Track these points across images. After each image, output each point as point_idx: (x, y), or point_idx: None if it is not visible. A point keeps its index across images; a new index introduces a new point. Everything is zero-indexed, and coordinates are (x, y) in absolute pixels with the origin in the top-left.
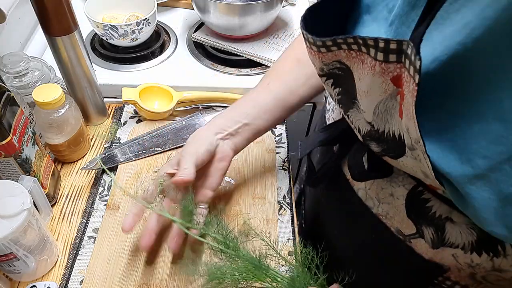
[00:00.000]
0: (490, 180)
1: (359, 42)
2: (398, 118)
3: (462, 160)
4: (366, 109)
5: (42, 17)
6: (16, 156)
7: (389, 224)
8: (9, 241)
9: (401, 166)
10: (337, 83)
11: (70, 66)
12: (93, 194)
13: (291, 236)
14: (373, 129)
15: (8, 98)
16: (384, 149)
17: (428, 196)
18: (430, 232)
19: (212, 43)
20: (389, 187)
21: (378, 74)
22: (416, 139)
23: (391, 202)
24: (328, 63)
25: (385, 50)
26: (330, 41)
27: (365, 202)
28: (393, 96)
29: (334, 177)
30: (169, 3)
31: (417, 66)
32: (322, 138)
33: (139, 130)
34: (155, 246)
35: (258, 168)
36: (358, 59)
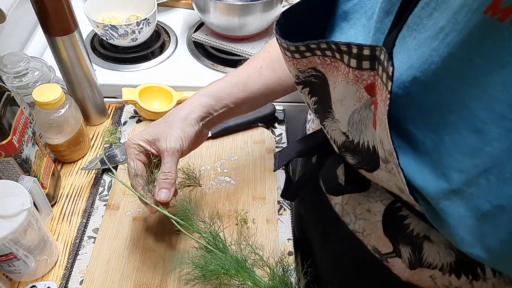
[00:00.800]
0: (466, 195)
1: (333, 48)
2: (372, 129)
3: (437, 174)
4: (341, 119)
5: (42, 17)
6: (16, 156)
7: (366, 242)
8: (9, 241)
9: (377, 180)
10: (313, 92)
11: (70, 66)
12: (93, 194)
13: (291, 236)
14: (348, 140)
15: (8, 98)
16: (359, 162)
17: (406, 213)
18: (408, 251)
19: (212, 43)
20: (366, 202)
21: (352, 82)
22: (389, 151)
23: (368, 218)
24: (304, 70)
25: (358, 56)
26: (304, 46)
27: (341, 217)
28: (368, 106)
29: (312, 190)
30: (169, 3)
31: (389, 72)
32: (300, 148)
33: (139, 130)
34: (155, 246)
35: (258, 168)
36: (332, 66)
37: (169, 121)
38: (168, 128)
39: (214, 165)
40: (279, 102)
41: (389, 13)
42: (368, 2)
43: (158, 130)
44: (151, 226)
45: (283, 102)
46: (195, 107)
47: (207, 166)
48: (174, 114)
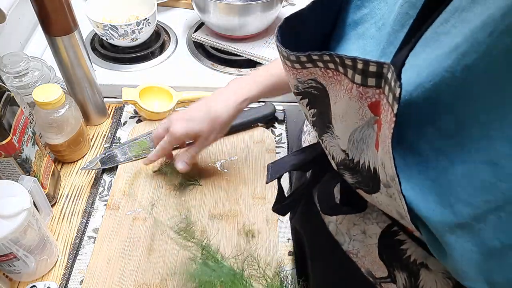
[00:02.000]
0: (473, 230)
1: (336, 61)
2: (374, 150)
3: (444, 204)
4: (341, 135)
5: (42, 17)
6: (16, 156)
7: (360, 264)
8: (9, 241)
9: (375, 203)
10: (312, 104)
11: (70, 66)
12: (93, 194)
13: (291, 236)
14: (348, 158)
15: (8, 98)
16: (358, 181)
17: (403, 238)
18: (403, 277)
19: (212, 43)
20: (361, 223)
21: (355, 99)
22: (391, 176)
23: (363, 240)
24: (304, 81)
25: (363, 72)
26: (305, 56)
27: (335, 236)
28: (371, 125)
29: (305, 206)
30: (169, 3)
31: (396, 93)
32: (295, 161)
33: (139, 130)
34: (155, 246)
35: (258, 168)
36: (335, 80)
37: (211, 124)
38: (208, 130)
39: (214, 165)
40: (279, 102)
41: (405, 26)
42: (379, 12)
43: (200, 128)
44: (151, 226)
45: (283, 102)
46: (236, 114)
47: (207, 166)
48: (216, 117)
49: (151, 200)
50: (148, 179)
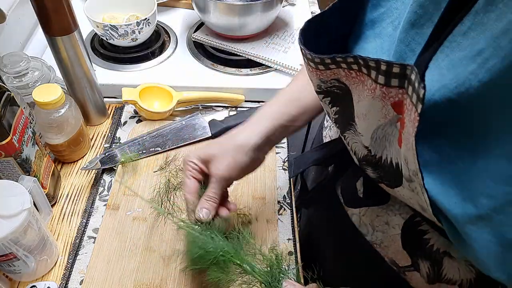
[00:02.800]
0: (493, 222)
1: (360, 63)
2: (397, 146)
3: (464, 197)
4: (364, 133)
5: (42, 17)
6: (16, 156)
7: (383, 254)
8: (9, 241)
9: (398, 196)
10: (335, 102)
11: (70, 66)
12: (93, 194)
13: (291, 236)
14: (370, 154)
15: (8, 98)
16: (381, 176)
17: (426, 228)
18: (426, 266)
19: (212, 43)
20: (384, 215)
21: (378, 98)
22: (414, 171)
23: (386, 231)
24: (326, 81)
25: (387, 73)
26: (329, 59)
27: (358, 228)
28: (393, 123)
29: (328, 199)
30: (169, 3)
31: (420, 94)
32: (317, 157)
33: (139, 130)
34: (155, 246)
35: (258, 168)
36: (358, 80)
37: (224, 145)
38: (221, 152)
39: None
40: None
41: (414, 25)
42: (396, 11)
43: (213, 151)
44: (151, 226)
45: None
46: (253, 134)
47: None
48: (231, 137)
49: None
50: (148, 179)
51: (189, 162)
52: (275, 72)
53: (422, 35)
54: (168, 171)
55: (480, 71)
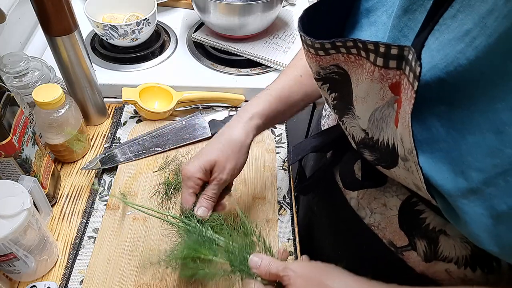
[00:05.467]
0: (484, 195)
1: (359, 46)
2: (394, 127)
3: (456, 172)
4: (362, 116)
5: (42, 17)
6: (16, 156)
7: (381, 235)
8: (9, 241)
9: (394, 177)
10: (333, 88)
11: (70, 66)
12: (93, 194)
13: (291, 236)
14: (367, 137)
15: (8, 98)
16: (377, 158)
17: (422, 208)
18: (423, 244)
19: (212, 43)
20: (382, 197)
21: (377, 80)
22: (409, 149)
23: (384, 212)
24: (325, 67)
25: (385, 55)
26: (329, 43)
27: (357, 211)
28: (391, 104)
29: (327, 185)
30: (169, 3)
31: (417, 72)
32: (315, 144)
33: (139, 130)
34: (155, 246)
35: (258, 168)
36: (357, 64)
37: (224, 149)
38: (223, 157)
39: None
40: None
41: (407, 11)
42: (390, 0)
43: (215, 157)
44: (151, 226)
45: None
46: (250, 132)
47: None
48: (229, 140)
49: (150, 200)
50: (148, 179)
51: (192, 178)
52: (275, 72)
53: (414, 20)
54: (168, 171)
55: (468, 49)
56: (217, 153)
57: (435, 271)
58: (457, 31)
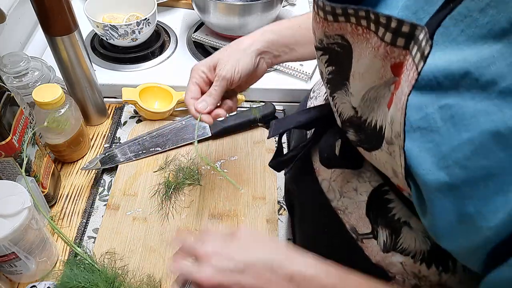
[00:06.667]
0: (458, 192)
1: (370, 18)
2: (385, 109)
3: (440, 166)
4: (355, 93)
5: (42, 17)
6: (16, 156)
7: (345, 220)
8: (9, 241)
9: (372, 160)
10: (332, 61)
11: (70, 66)
12: (93, 194)
13: (291, 236)
14: (356, 116)
15: (8, 98)
16: (361, 139)
17: (391, 197)
18: (385, 234)
19: (212, 43)
20: (355, 181)
21: (380, 57)
22: (397, 132)
23: (353, 197)
24: (330, 36)
25: (395, 31)
26: (340, 9)
27: (326, 193)
28: (388, 85)
29: (301, 163)
30: (169, 3)
31: (425, 52)
32: (299, 119)
33: (139, 130)
34: (155, 246)
35: (258, 168)
36: (363, 38)
37: (229, 50)
38: (227, 55)
39: (214, 165)
40: (279, 102)
41: None
42: None
43: (219, 56)
44: (151, 226)
45: (283, 102)
46: (256, 40)
47: (207, 166)
48: (236, 44)
49: (150, 200)
50: (148, 179)
51: (197, 70)
52: (275, 72)
53: (433, 4)
54: (168, 171)
55: (507, 51)
56: (221, 53)
57: (390, 263)
58: (488, 28)
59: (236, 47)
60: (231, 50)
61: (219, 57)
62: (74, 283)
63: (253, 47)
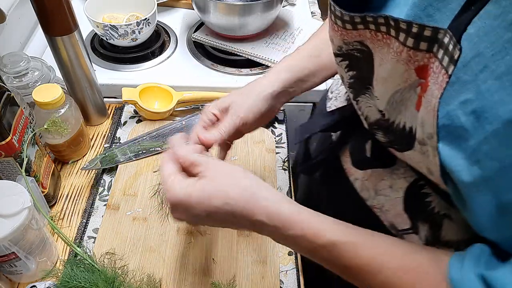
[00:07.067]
0: (494, 184)
1: (390, 24)
2: (414, 111)
3: (471, 160)
4: (380, 97)
5: (42, 17)
6: (16, 156)
7: (383, 218)
8: (9, 241)
9: (405, 159)
10: (352, 66)
11: (70, 66)
12: (93, 194)
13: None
14: (383, 118)
15: (8, 98)
16: (391, 141)
17: (428, 191)
18: (426, 228)
19: (212, 43)
20: (389, 178)
21: (403, 61)
22: (430, 134)
23: (389, 194)
24: (349, 42)
25: (417, 36)
26: (359, 17)
27: (360, 193)
28: (413, 87)
29: (331, 166)
30: (169, 3)
31: (455, 56)
32: (324, 122)
33: (139, 130)
34: (155, 246)
35: (258, 168)
36: (383, 43)
37: (245, 93)
38: (241, 98)
39: None
40: None
41: None
42: None
43: (232, 99)
44: (151, 226)
45: None
46: (272, 82)
47: None
48: (251, 86)
49: (150, 200)
50: (148, 179)
51: (207, 112)
52: None
53: (441, 0)
54: None
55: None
56: (235, 96)
57: None
58: (501, 19)
59: (252, 89)
60: (246, 92)
61: (232, 100)
62: (74, 283)
63: (270, 89)
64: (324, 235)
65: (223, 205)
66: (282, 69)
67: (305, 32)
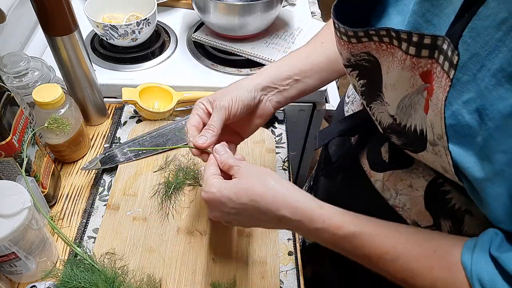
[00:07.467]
0: (506, 175)
1: (392, 35)
2: (423, 113)
3: (481, 156)
4: (391, 102)
5: (42, 17)
6: (16, 156)
7: (405, 216)
8: (9, 241)
9: (421, 160)
10: (362, 75)
11: (70, 66)
12: (93, 194)
13: (291, 236)
14: (395, 123)
15: (8, 98)
16: (405, 143)
17: (448, 188)
18: (448, 224)
19: (212, 43)
20: (408, 178)
21: (408, 68)
22: (439, 135)
23: (410, 193)
24: (356, 54)
25: (418, 44)
26: (362, 32)
27: (382, 193)
28: (420, 91)
29: (351, 168)
30: (169, 3)
31: (454, 61)
32: (342, 127)
33: (139, 130)
34: (155, 246)
35: None
36: (388, 52)
37: (229, 88)
38: (226, 91)
39: None
40: None
41: None
42: None
43: (220, 93)
44: (151, 226)
45: None
46: (258, 76)
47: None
48: (237, 82)
49: (150, 200)
50: (148, 179)
51: (198, 103)
52: None
53: (438, 6)
54: (168, 171)
55: (506, 38)
56: (222, 90)
57: None
58: (491, 20)
59: (235, 85)
60: (230, 87)
61: (218, 94)
62: (74, 283)
63: (253, 83)
64: (345, 227)
65: (249, 202)
66: (270, 66)
67: (305, 32)
